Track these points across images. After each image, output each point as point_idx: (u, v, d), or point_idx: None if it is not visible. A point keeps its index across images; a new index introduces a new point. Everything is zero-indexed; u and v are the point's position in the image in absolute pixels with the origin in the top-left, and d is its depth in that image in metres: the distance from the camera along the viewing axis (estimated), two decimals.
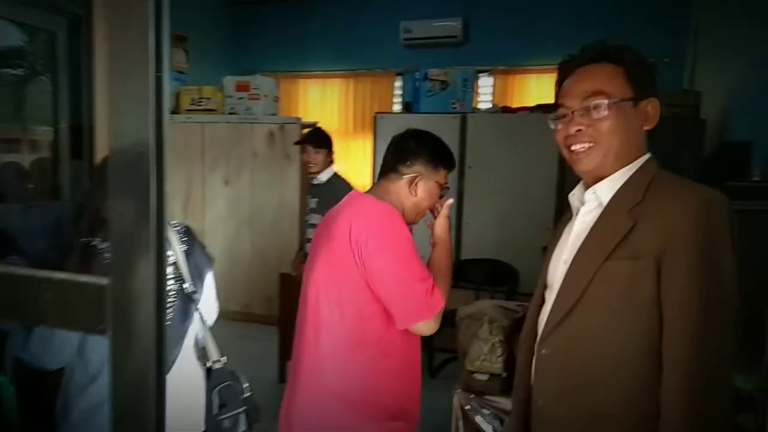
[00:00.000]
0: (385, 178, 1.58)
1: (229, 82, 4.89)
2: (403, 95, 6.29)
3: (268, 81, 4.98)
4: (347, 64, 6.61)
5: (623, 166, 1.12)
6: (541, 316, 1.24)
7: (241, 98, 4.84)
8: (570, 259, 1.14)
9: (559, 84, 1.19)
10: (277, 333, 3.84)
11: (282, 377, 3.83)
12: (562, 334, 1.12)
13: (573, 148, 1.14)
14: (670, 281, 0.99)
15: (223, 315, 5.14)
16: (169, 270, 1.49)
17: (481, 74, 5.82)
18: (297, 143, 3.56)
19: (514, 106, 5.11)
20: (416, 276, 1.40)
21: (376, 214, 1.45)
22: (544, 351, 1.16)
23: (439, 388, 2.95)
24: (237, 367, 1.68)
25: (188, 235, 1.56)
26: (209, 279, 1.59)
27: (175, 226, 1.56)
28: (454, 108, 4.34)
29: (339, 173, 3.34)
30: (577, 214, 1.22)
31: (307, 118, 6.45)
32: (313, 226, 3.23)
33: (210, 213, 5.02)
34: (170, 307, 1.47)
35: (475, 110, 4.44)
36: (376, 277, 1.39)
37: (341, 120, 6.69)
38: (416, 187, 1.54)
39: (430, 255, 1.62)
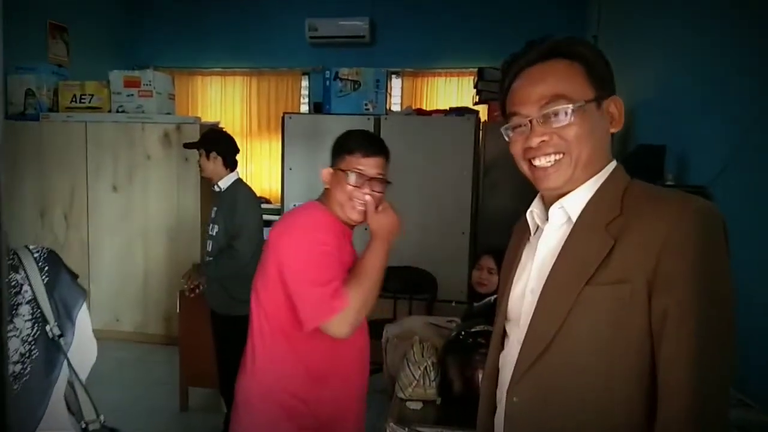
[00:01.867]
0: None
1: (117, 77, 4.38)
2: (310, 95, 6.03)
3: (162, 77, 4.53)
4: (249, 61, 6.24)
5: (591, 177, 0.97)
6: (503, 355, 1.05)
7: (130, 95, 4.36)
8: (538, 288, 0.97)
9: (506, 88, 1.02)
10: (178, 354, 3.45)
11: (184, 405, 3.44)
12: (537, 376, 0.93)
13: (537, 162, 0.97)
14: (664, 305, 0.84)
15: (113, 336, 4.61)
16: (25, 310, 1.15)
17: (390, 75, 5.71)
18: (186, 146, 3.16)
19: (425, 108, 5.02)
20: (317, 279, 1.44)
21: (295, 221, 1.56)
22: (515, 399, 0.97)
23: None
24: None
25: (51, 262, 1.22)
26: (82, 316, 1.26)
27: (34, 252, 1.22)
28: (367, 109, 4.15)
29: (241, 180, 2.99)
30: (536, 233, 1.05)
31: (208, 118, 6.02)
32: (211, 237, 2.88)
33: (96, 223, 4.48)
34: (28, 356, 1.14)
35: (389, 112, 4.27)
36: (286, 280, 1.47)
37: (245, 120, 6.31)
38: (327, 177, 1.60)
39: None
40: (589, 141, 0.94)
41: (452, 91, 5.85)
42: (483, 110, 4.37)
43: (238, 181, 2.94)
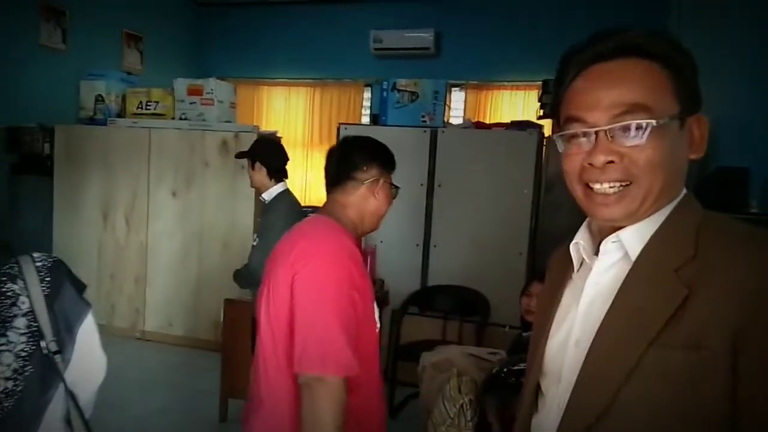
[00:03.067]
0: (340, 190, 1.52)
1: (181, 84, 4.47)
2: (371, 106, 5.98)
3: (224, 85, 4.58)
4: (313, 72, 6.28)
5: (659, 209, 0.78)
6: (538, 421, 0.87)
7: (193, 103, 4.43)
8: (586, 340, 0.78)
9: (564, 87, 0.82)
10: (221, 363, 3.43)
11: (224, 416, 3.40)
12: None
13: (597, 187, 0.78)
14: (754, 382, 0.65)
15: (166, 340, 4.68)
16: (20, 322, 1.09)
17: (453, 88, 5.57)
18: (236, 156, 3.12)
19: (487, 122, 4.83)
20: (343, 325, 1.27)
21: (320, 247, 1.39)
22: None
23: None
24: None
25: (55, 272, 1.16)
26: (86, 331, 1.19)
27: (37, 260, 1.16)
28: (424, 122, 4.02)
29: (288, 192, 2.92)
30: (580, 269, 0.87)
31: (269, 127, 6.08)
32: (254, 247, 2.83)
33: (154, 227, 4.57)
34: (21, 373, 1.07)
35: (447, 125, 4.12)
36: (302, 310, 1.30)
37: (306, 130, 6.34)
38: (379, 191, 1.52)
39: None
40: (664, 169, 0.75)
41: (517, 105, 5.64)
42: (547, 125, 4.14)
43: (283, 193, 2.87)
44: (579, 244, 0.87)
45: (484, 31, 5.60)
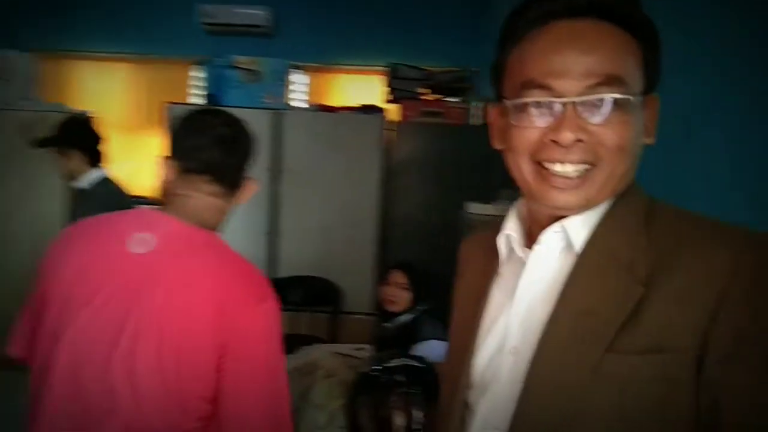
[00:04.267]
0: (221, 185, 1.15)
1: None
2: (207, 86, 5.52)
3: (20, 57, 3.86)
4: (134, 46, 5.61)
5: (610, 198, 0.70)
6: None
7: None
8: (525, 347, 0.68)
9: (513, 38, 0.69)
10: None
11: None
12: None
13: (557, 168, 0.66)
14: (723, 386, 0.58)
15: None
16: None
17: (294, 70, 5.35)
18: (41, 145, 2.60)
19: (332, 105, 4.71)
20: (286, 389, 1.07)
21: (252, 292, 1.10)
22: None
23: None
24: None
25: None
26: None
27: None
28: (267, 102, 3.75)
29: (110, 179, 2.52)
30: (508, 262, 0.77)
31: (82, 107, 5.32)
32: None
33: None
34: None
35: (290, 107, 3.90)
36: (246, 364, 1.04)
37: (126, 111, 5.66)
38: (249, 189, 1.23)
39: None
40: (630, 152, 0.66)
41: (361, 89, 5.59)
42: (394, 109, 4.12)
43: (105, 180, 2.47)
44: (508, 234, 0.75)
45: (324, 13, 5.44)
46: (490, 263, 0.78)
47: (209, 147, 1.12)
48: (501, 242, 0.77)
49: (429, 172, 3.67)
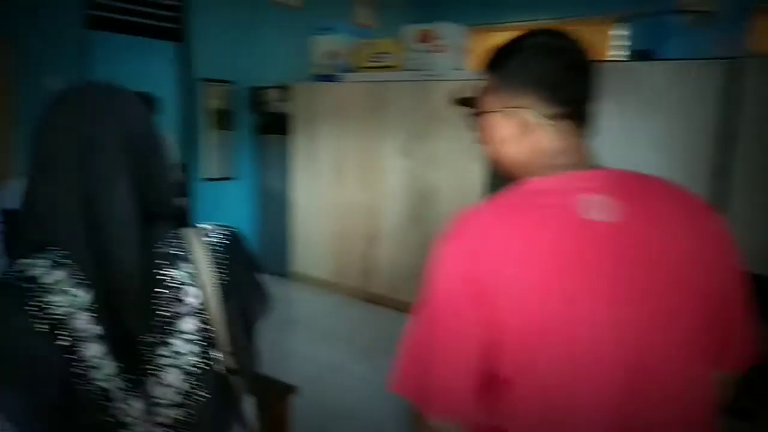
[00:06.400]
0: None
1: (410, 32, 4.09)
2: (632, 43, 4.96)
3: (456, 29, 4.08)
4: (549, 12, 5.47)
5: None
6: None
7: (422, 51, 4.02)
8: None
9: None
10: None
11: None
12: None
13: None
14: None
15: (393, 305, 4.45)
16: (189, 325, 0.71)
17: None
18: (458, 104, 2.52)
19: None
20: None
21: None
22: None
23: None
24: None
25: (234, 252, 0.76)
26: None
27: (209, 235, 0.77)
28: (719, 52, 3.01)
29: None
30: None
31: None
32: None
33: (383, 187, 4.34)
34: (190, 399, 0.70)
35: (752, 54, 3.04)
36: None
37: None
38: None
39: None
40: None
41: None
42: None
43: None
44: None
45: None
46: None
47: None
48: None
49: None
